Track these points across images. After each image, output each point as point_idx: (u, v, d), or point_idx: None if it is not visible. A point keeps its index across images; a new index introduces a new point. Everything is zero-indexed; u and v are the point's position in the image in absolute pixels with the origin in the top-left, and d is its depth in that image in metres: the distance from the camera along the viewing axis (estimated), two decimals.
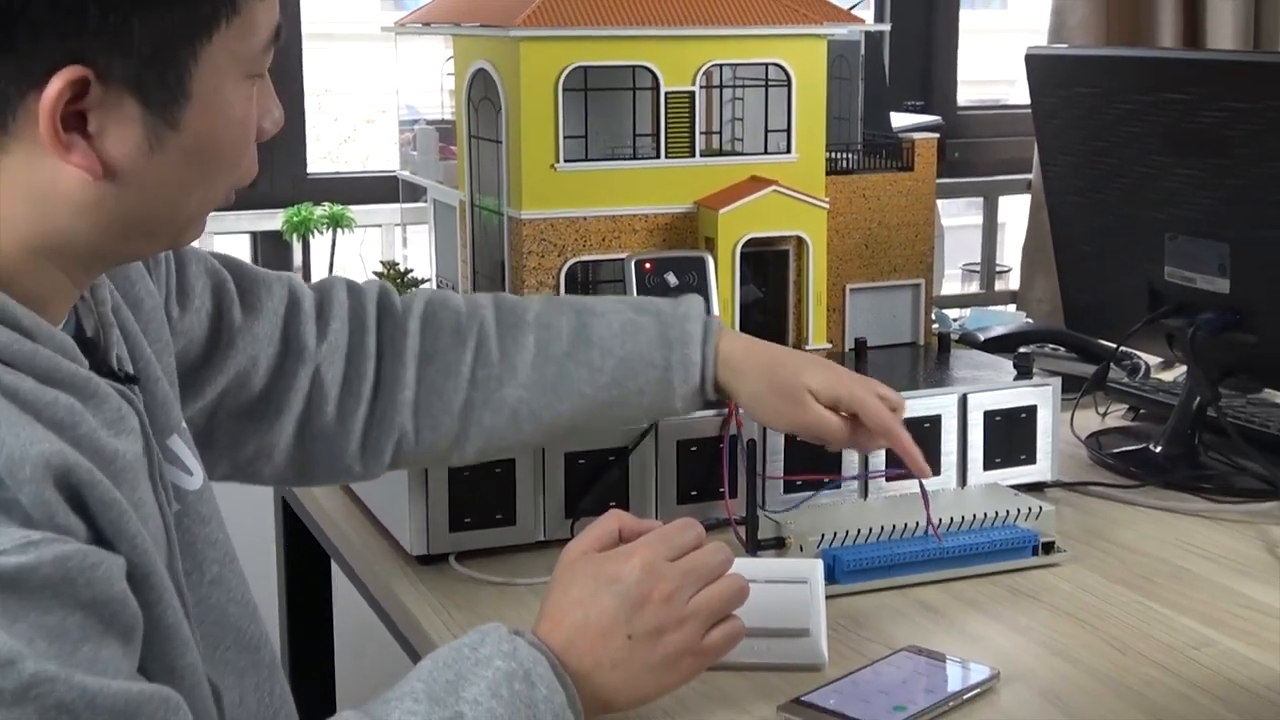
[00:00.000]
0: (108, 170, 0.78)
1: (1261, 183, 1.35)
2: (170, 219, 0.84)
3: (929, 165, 1.49)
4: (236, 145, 0.84)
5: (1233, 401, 1.55)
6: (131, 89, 0.77)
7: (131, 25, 0.76)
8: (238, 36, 0.80)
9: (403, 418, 1.10)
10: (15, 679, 0.66)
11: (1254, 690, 0.99)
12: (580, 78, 1.30)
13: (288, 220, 1.61)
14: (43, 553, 0.68)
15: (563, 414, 1.12)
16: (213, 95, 0.80)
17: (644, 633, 0.90)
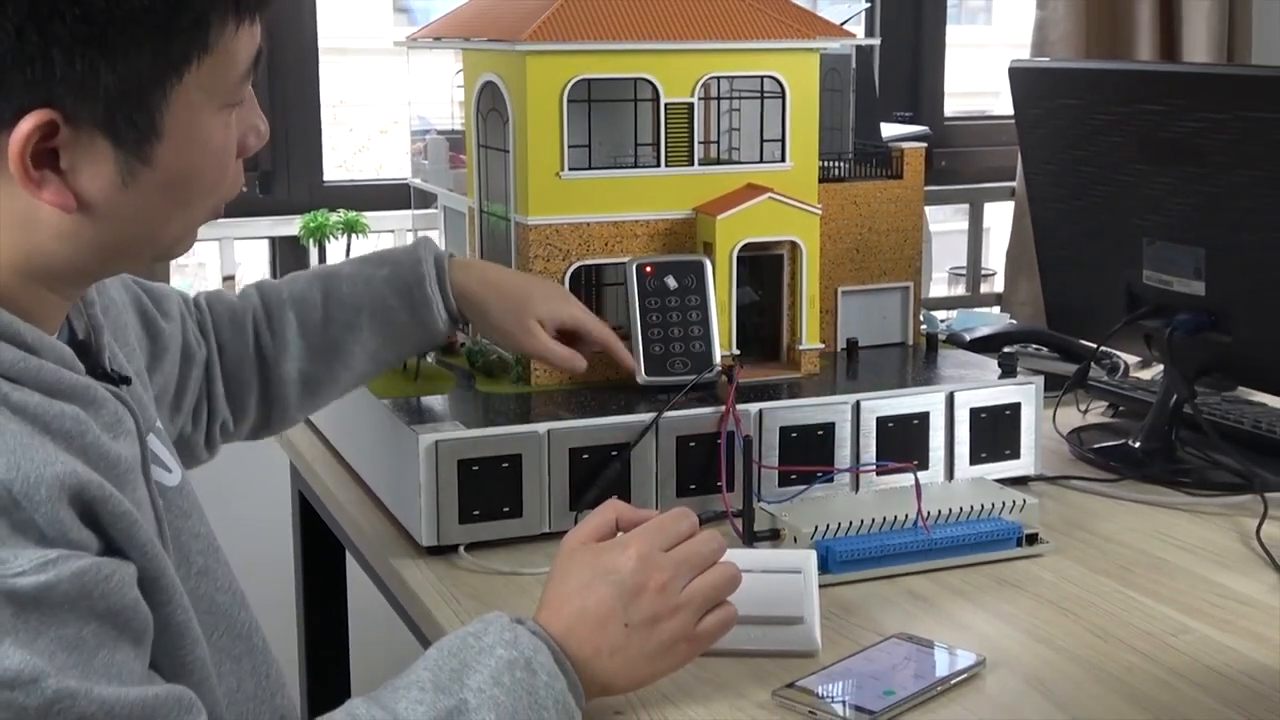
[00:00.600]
0: (81, 204, 0.79)
1: (1235, 190, 1.36)
2: (152, 242, 0.85)
3: (917, 173, 1.50)
4: (213, 171, 0.84)
5: (1208, 399, 1.56)
6: (101, 130, 0.77)
7: (98, 70, 0.75)
8: (211, 72, 0.80)
9: (218, 405, 1.20)
10: (39, 696, 0.68)
11: (1229, 675, 1.01)
12: (584, 89, 1.31)
13: (304, 226, 1.64)
14: (60, 570, 0.70)
15: (352, 367, 1.24)
16: (186, 131, 0.80)
17: (640, 621, 0.92)
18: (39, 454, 0.73)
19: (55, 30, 0.74)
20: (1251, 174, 1.34)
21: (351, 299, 1.23)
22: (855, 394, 1.32)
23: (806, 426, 1.30)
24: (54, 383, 0.79)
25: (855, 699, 0.96)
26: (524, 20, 1.31)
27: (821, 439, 1.30)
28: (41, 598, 0.69)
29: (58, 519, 0.72)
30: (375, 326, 1.23)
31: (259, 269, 2.83)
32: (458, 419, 1.25)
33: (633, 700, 0.97)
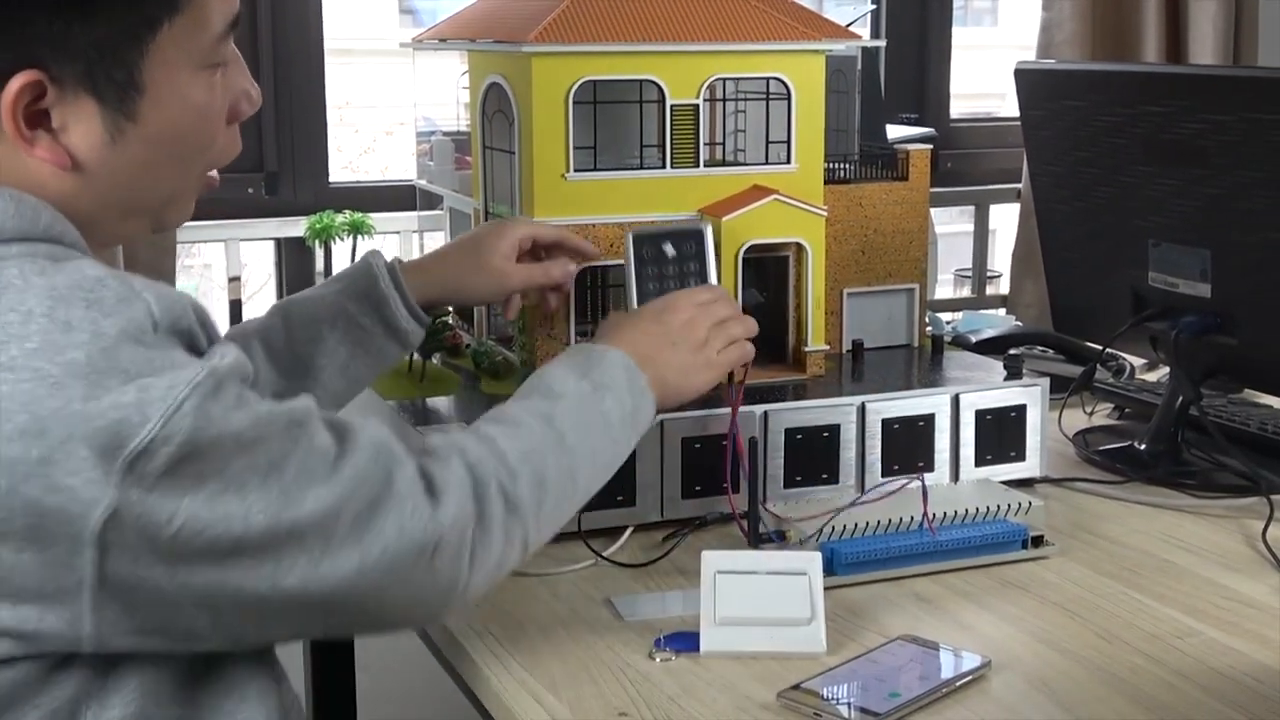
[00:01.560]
0: (75, 163, 0.86)
1: (1240, 191, 1.36)
2: (146, 200, 0.92)
3: (923, 175, 1.50)
4: (201, 130, 0.91)
5: (1214, 401, 1.56)
6: (85, 87, 0.85)
7: (75, 31, 0.83)
8: (185, 32, 0.87)
9: None
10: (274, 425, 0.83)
11: (1234, 677, 1.01)
12: (590, 91, 1.32)
13: (310, 227, 1.65)
14: (232, 350, 0.84)
15: (325, 384, 1.23)
16: (166, 87, 0.87)
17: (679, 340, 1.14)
18: (176, 291, 0.84)
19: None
20: (1257, 175, 1.35)
21: (311, 314, 1.24)
22: (861, 396, 1.33)
23: (812, 428, 1.30)
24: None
25: (860, 701, 0.96)
26: (529, 22, 1.31)
27: (827, 441, 1.31)
28: (236, 368, 0.83)
29: (200, 332, 0.85)
30: (339, 337, 1.23)
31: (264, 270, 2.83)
32: (463, 420, 1.25)
33: (637, 700, 0.98)
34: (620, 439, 1.07)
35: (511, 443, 0.98)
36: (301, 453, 0.84)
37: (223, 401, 0.80)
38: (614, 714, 0.96)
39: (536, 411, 1.02)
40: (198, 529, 0.79)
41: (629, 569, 1.20)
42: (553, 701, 0.98)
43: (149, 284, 0.82)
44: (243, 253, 2.23)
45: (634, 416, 1.08)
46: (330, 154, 2.22)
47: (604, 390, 1.06)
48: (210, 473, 0.80)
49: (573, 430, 1.02)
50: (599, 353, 1.10)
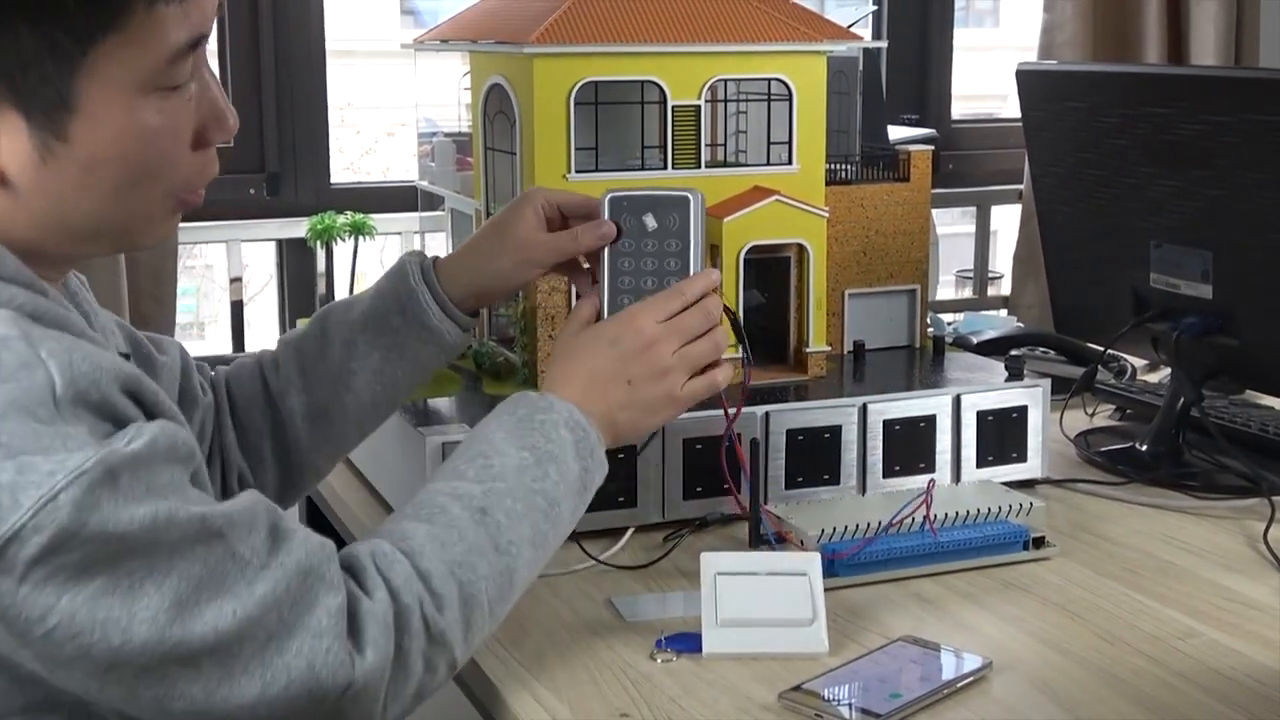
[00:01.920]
0: (3, 178, 0.81)
1: (1242, 192, 1.36)
2: (98, 225, 0.86)
3: (924, 176, 1.50)
4: (149, 155, 0.84)
5: (1215, 402, 1.56)
6: (8, 102, 0.79)
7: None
8: (127, 52, 0.80)
9: (232, 455, 1.17)
10: (177, 528, 0.77)
11: (1235, 679, 1.01)
12: (591, 92, 1.32)
13: (311, 228, 1.65)
14: (152, 430, 0.78)
15: (356, 389, 1.15)
16: (103, 108, 0.80)
17: (639, 377, 1.03)
18: (103, 354, 0.79)
19: None
20: (1259, 176, 1.35)
21: (345, 318, 1.17)
22: (862, 397, 1.33)
23: (813, 429, 1.30)
24: (80, 331, 0.83)
25: (861, 702, 0.96)
26: (531, 23, 1.31)
27: (828, 442, 1.31)
28: (151, 453, 0.77)
29: (126, 407, 0.79)
30: (370, 339, 1.15)
31: (266, 271, 2.84)
32: (464, 421, 1.25)
33: (638, 701, 0.98)
34: (565, 514, 0.99)
35: (439, 556, 0.90)
36: (212, 560, 0.78)
37: (118, 492, 0.74)
38: (615, 715, 0.96)
39: (471, 502, 0.93)
40: (72, 633, 0.74)
41: (630, 570, 1.20)
42: (554, 702, 0.99)
43: (70, 347, 0.77)
44: (244, 253, 2.23)
45: (581, 482, 1.00)
46: (332, 155, 2.23)
47: (547, 463, 0.97)
48: (95, 570, 0.74)
49: (510, 523, 0.94)
50: (543, 408, 1.00)
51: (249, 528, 0.81)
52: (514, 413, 1.00)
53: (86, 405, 0.76)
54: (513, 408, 1.01)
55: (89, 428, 0.76)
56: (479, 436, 0.99)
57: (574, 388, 1.03)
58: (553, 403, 1.01)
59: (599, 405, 1.03)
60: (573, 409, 1.01)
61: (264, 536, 0.82)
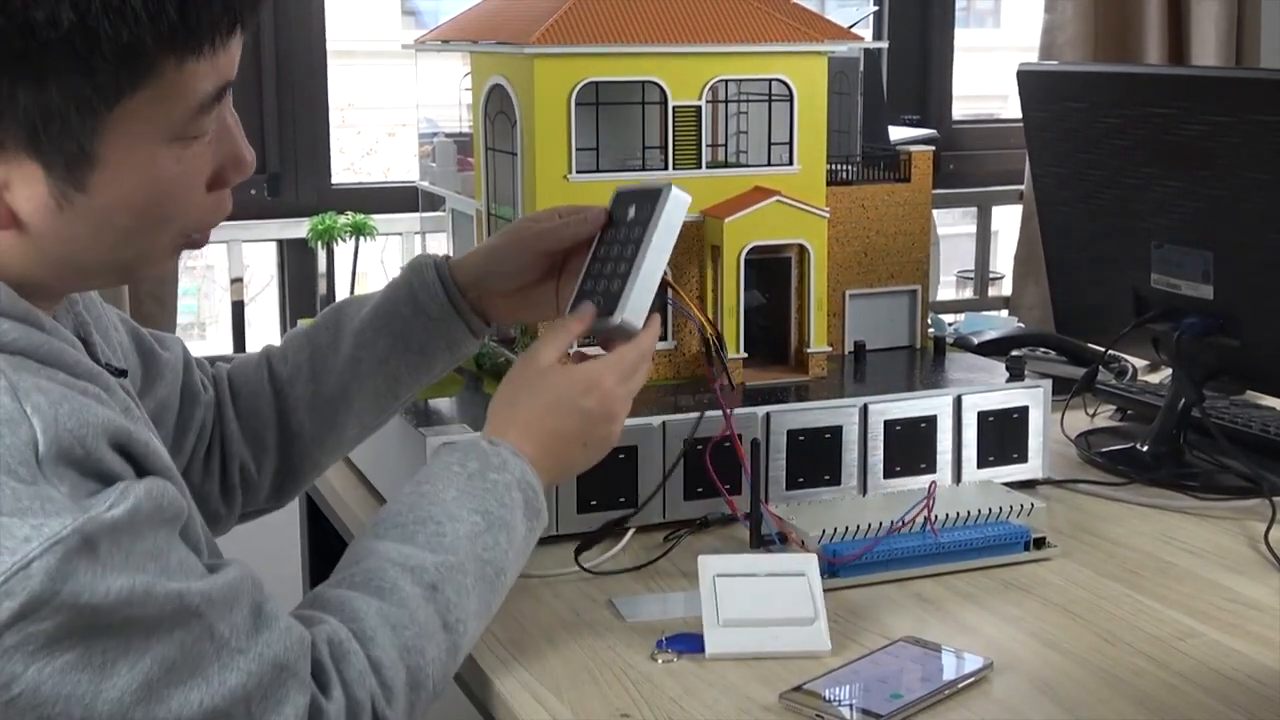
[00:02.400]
0: (17, 222, 0.79)
1: (1243, 193, 1.36)
2: (104, 265, 0.85)
3: (925, 176, 1.50)
4: (164, 204, 0.82)
5: (1216, 403, 1.56)
6: (28, 151, 0.77)
7: (16, 95, 0.75)
8: (153, 105, 0.78)
9: (234, 447, 1.16)
10: (154, 604, 0.75)
11: (1236, 679, 1.01)
12: (592, 92, 1.32)
13: (313, 229, 1.65)
14: (136, 493, 0.76)
15: (361, 377, 1.14)
16: (125, 160, 0.79)
17: (595, 442, 1.05)
18: (95, 408, 0.77)
19: None
20: (1260, 177, 1.35)
21: (358, 309, 1.17)
22: (863, 397, 1.33)
23: (814, 430, 1.30)
24: (75, 365, 0.82)
25: (862, 702, 0.96)
26: (532, 23, 1.32)
27: (829, 442, 1.31)
28: (132, 521, 0.75)
29: (113, 463, 0.77)
30: (380, 324, 1.14)
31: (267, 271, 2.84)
32: (465, 422, 1.25)
33: (639, 702, 0.98)
34: (509, 580, 0.99)
35: (390, 641, 0.88)
36: (188, 641, 0.76)
37: (96, 561, 0.72)
38: (616, 715, 0.96)
39: (423, 576, 0.91)
40: (35, 703, 0.71)
41: (631, 570, 1.20)
42: (555, 703, 0.99)
43: (57, 400, 0.75)
44: (245, 254, 2.23)
45: (526, 543, 1.00)
46: (333, 155, 2.23)
47: (498, 530, 0.97)
48: (67, 642, 0.72)
49: (459, 599, 0.93)
50: (496, 465, 0.99)
51: (230, 604, 0.80)
52: (465, 466, 0.98)
53: (70, 463, 0.74)
54: (464, 459, 0.99)
55: (71, 487, 0.74)
56: (428, 494, 0.96)
57: (532, 442, 1.02)
58: (506, 459, 0.99)
59: (552, 463, 1.03)
60: (525, 468, 1.00)
61: (246, 614, 0.81)
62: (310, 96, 2.19)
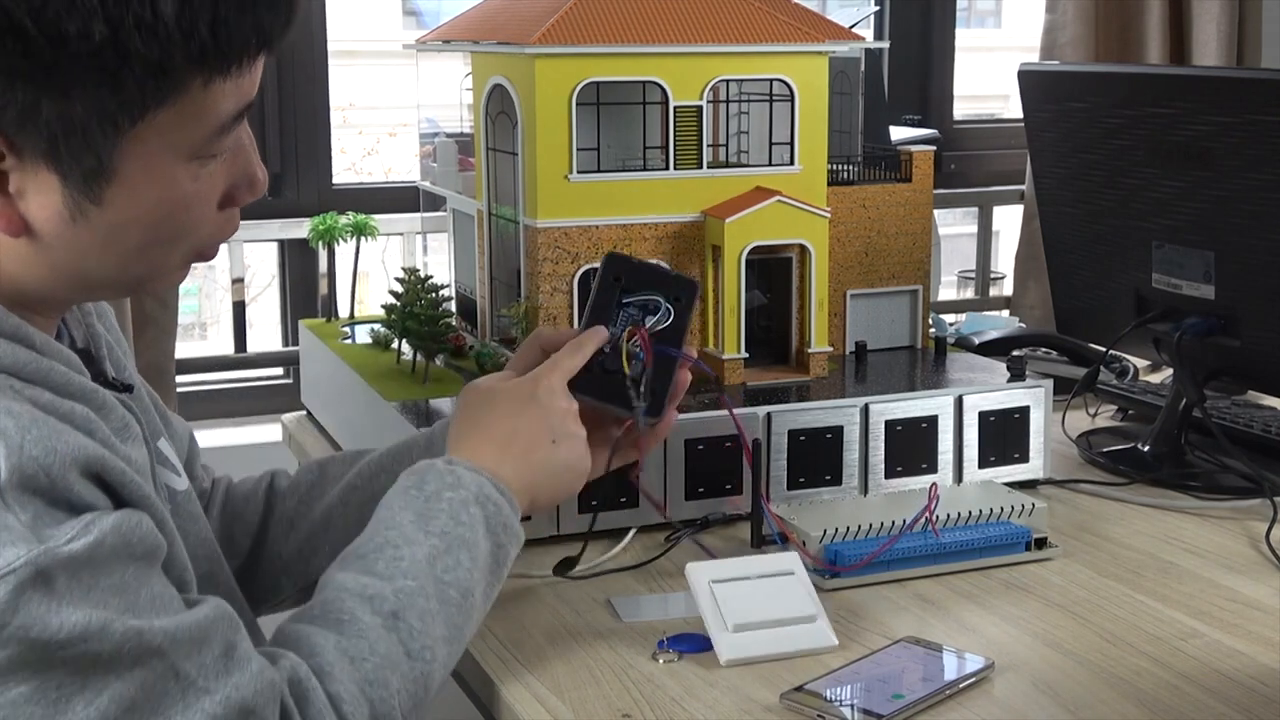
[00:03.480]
0: (29, 230, 0.79)
1: (1244, 193, 1.36)
2: (113, 278, 0.84)
3: (926, 176, 1.50)
4: (176, 221, 0.82)
5: (1218, 403, 1.56)
6: (46, 162, 0.77)
7: (40, 106, 0.75)
8: (174, 123, 0.78)
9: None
10: (110, 640, 0.73)
11: (1238, 680, 1.01)
12: (593, 92, 1.32)
13: (313, 229, 1.65)
14: (101, 526, 0.74)
15: (354, 507, 1.10)
16: (142, 176, 0.79)
17: (563, 436, 1.01)
18: (66, 436, 0.76)
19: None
20: (1261, 177, 1.35)
21: (379, 451, 1.15)
22: (864, 397, 1.33)
23: (815, 429, 1.30)
24: (64, 384, 0.81)
25: (863, 702, 0.96)
26: (532, 23, 1.32)
27: (830, 442, 1.31)
28: (93, 555, 0.73)
29: (83, 492, 0.76)
30: (386, 462, 1.12)
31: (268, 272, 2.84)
32: None
33: (640, 702, 0.98)
34: (479, 600, 0.95)
35: (350, 676, 0.86)
36: (150, 681, 0.75)
37: (52, 595, 0.71)
38: (618, 716, 0.96)
39: (381, 605, 0.89)
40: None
41: (631, 570, 1.20)
42: (556, 703, 0.99)
43: (25, 425, 0.73)
44: (246, 254, 2.23)
45: (494, 559, 0.96)
46: (334, 155, 2.24)
47: (458, 549, 0.93)
48: (20, 674, 0.71)
49: (423, 625, 0.90)
50: (450, 483, 0.96)
51: (199, 644, 0.78)
52: (421, 489, 0.96)
53: (34, 491, 0.73)
54: (419, 482, 0.96)
55: (34, 516, 0.72)
56: (386, 520, 0.94)
57: (490, 447, 0.99)
58: (460, 476, 0.96)
59: (518, 466, 0.99)
60: (483, 481, 0.97)
61: (217, 655, 0.79)
62: (311, 96, 2.19)
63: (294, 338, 2.24)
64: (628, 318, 1.08)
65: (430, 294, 1.42)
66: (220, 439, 2.18)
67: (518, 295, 1.38)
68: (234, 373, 2.27)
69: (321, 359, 1.60)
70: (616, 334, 1.07)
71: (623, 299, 1.08)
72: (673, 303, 1.08)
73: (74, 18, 0.73)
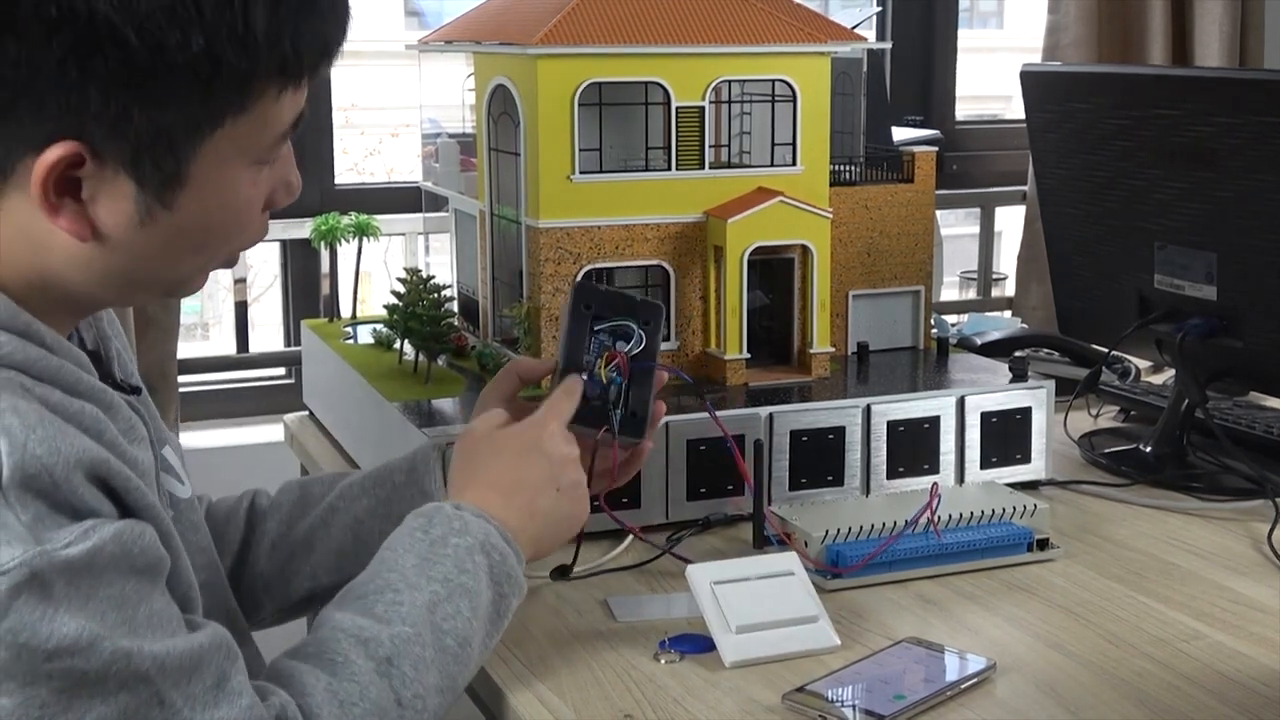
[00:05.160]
0: (96, 235, 0.80)
1: (1247, 194, 1.36)
2: (162, 280, 0.86)
3: (928, 177, 1.50)
4: (232, 224, 0.85)
5: (1220, 404, 1.56)
6: (126, 169, 0.78)
7: (131, 114, 0.77)
8: (246, 131, 0.81)
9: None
10: (97, 659, 0.72)
11: (1241, 681, 1.01)
12: (595, 93, 1.32)
13: (316, 229, 1.65)
14: (102, 534, 0.74)
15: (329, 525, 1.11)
16: (212, 182, 0.81)
17: (567, 486, 1.01)
18: (72, 438, 0.75)
19: (95, 67, 0.75)
20: (1264, 179, 1.35)
21: (360, 473, 1.15)
22: (866, 398, 1.33)
23: (817, 430, 1.30)
24: (73, 383, 0.81)
25: (865, 703, 0.96)
26: (535, 24, 1.32)
27: (832, 443, 1.31)
28: (92, 563, 0.73)
29: (87, 496, 0.75)
30: (367, 486, 1.13)
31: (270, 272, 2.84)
32: (467, 421, 1.25)
33: (641, 703, 0.98)
34: (476, 650, 0.93)
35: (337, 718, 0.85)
36: (132, 707, 0.73)
37: (48, 601, 0.70)
38: (619, 716, 0.96)
39: (376, 650, 0.88)
40: None
41: (631, 570, 1.20)
42: (557, 703, 0.99)
43: (31, 424, 0.73)
44: (248, 254, 2.23)
45: (495, 609, 0.95)
46: (336, 156, 2.24)
47: (459, 597, 0.92)
48: (3, 684, 0.70)
49: (417, 674, 0.88)
50: (458, 529, 0.95)
51: (190, 673, 0.77)
52: (427, 533, 0.95)
53: (37, 492, 0.72)
54: (426, 525, 0.95)
55: (35, 517, 0.72)
56: (390, 561, 0.93)
57: (499, 496, 0.99)
58: (468, 522, 0.95)
59: (523, 516, 0.99)
60: (490, 530, 0.96)
61: (208, 685, 0.78)
62: (313, 97, 2.18)
63: (296, 338, 2.24)
64: (600, 344, 1.10)
65: (432, 294, 1.42)
66: (222, 439, 2.18)
67: (520, 296, 1.38)
68: (236, 373, 2.28)
69: (323, 359, 1.60)
70: (591, 361, 1.09)
71: (594, 327, 1.11)
72: (642, 327, 1.11)
73: (174, 28, 0.75)
